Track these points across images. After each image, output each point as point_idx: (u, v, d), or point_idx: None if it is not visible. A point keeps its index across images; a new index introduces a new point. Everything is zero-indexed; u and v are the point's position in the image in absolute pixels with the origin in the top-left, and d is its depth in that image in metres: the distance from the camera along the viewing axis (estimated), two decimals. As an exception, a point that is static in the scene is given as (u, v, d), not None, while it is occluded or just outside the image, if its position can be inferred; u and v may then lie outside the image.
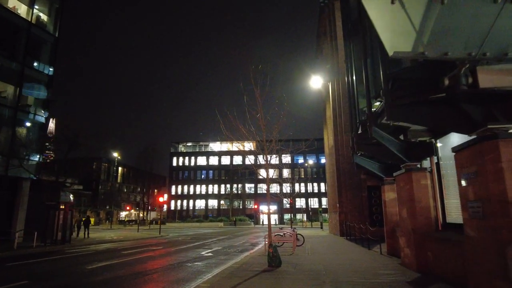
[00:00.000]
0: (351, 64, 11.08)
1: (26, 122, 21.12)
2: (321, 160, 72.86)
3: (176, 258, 12.94)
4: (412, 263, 8.14)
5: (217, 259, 12.39)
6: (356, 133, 10.47)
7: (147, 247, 17.80)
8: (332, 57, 26.27)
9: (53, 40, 23.05)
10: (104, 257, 13.37)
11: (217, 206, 71.86)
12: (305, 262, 10.53)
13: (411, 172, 8.38)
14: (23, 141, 19.32)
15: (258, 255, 12.75)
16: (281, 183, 24.66)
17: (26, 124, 21.11)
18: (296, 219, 61.47)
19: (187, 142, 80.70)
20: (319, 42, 32.67)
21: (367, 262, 10.13)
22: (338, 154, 24.76)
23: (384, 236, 12.43)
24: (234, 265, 10.27)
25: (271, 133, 10.72)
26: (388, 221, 11.90)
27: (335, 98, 25.81)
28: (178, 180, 76.38)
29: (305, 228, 44.31)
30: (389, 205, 11.99)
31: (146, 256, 13.39)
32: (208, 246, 17.67)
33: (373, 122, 8.39)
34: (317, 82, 25.74)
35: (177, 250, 15.84)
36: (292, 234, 14.94)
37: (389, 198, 12.05)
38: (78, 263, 11.57)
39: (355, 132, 10.59)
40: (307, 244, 16.74)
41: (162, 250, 16.11)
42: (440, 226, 8.07)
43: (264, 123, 10.52)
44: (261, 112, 10.58)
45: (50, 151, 48.96)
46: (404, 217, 8.69)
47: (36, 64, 21.74)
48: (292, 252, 13.25)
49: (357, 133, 10.35)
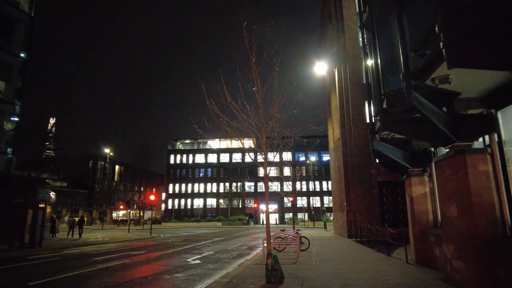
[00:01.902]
0: (371, 19, 8.68)
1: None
2: (323, 157, 70.51)
3: (154, 267, 10.59)
4: (469, 282, 5.77)
5: (203, 269, 10.03)
6: (380, 109, 8.09)
7: (129, 251, 15.46)
8: (338, 40, 23.87)
9: (28, 20, 20.70)
10: (66, 266, 11.03)
11: (216, 205, 69.45)
12: (315, 275, 8.18)
13: (464, 155, 6.00)
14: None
15: (255, 263, 10.39)
16: (282, 180, 22.27)
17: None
18: (297, 219, 59.11)
19: (185, 139, 78.32)
20: (323, 28, 30.24)
21: (396, 277, 7.76)
22: (345, 147, 22.38)
23: (404, 239, 10.08)
24: (222, 279, 7.93)
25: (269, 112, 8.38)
26: (416, 222, 9.53)
27: (341, 85, 23.43)
28: (175, 178, 73.98)
29: (308, 228, 41.97)
30: (418, 201, 9.62)
31: (119, 265, 11.04)
32: (198, 251, 15.32)
33: (411, 85, 6.03)
34: (321, 68, 23.38)
35: (160, 256, 13.50)
36: (295, 237, 12.59)
37: (417, 193, 9.68)
38: (26, 276, 9.23)
39: (379, 108, 8.21)
40: (312, 248, 14.40)
41: (143, 255, 13.77)
42: (509, 230, 5.71)
43: (261, 97, 8.16)
44: (258, 83, 8.23)
45: (50, 150, 46.55)
46: (452, 216, 6.32)
47: (6, 46, 19.35)
48: (296, 259, 10.90)
49: (382, 108, 7.98)
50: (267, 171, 7.95)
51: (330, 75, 27.07)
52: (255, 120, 8.37)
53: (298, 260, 10.80)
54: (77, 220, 27.03)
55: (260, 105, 8.09)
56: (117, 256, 13.54)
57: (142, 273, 9.41)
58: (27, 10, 20.86)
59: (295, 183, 20.46)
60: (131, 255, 13.94)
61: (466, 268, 5.86)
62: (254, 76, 8.06)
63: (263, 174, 7.89)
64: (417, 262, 9.30)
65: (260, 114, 8.22)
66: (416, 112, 7.16)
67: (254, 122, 8.36)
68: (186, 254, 13.93)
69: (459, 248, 6.11)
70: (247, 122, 8.25)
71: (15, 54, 19.87)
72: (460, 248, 6.05)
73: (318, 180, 68.52)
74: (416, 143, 10.27)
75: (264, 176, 7.79)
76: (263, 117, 8.10)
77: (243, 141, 9.25)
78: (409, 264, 9.38)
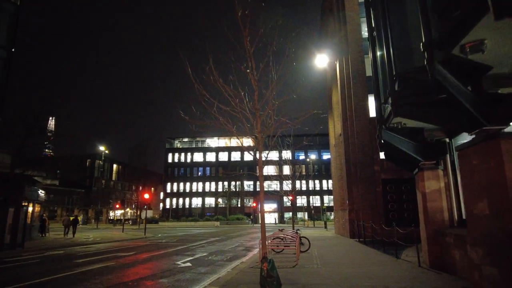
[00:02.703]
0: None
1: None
2: (323, 156, 69.56)
3: (139, 271, 9.58)
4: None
5: (193, 274, 9.03)
6: (392, 92, 7.08)
7: (116, 252, 14.45)
8: (340, 32, 22.84)
9: (14, 9, 19.63)
10: (42, 269, 10.01)
11: (215, 205, 68.38)
12: (317, 281, 7.17)
13: (497, 140, 4.98)
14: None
15: (251, 267, 9.39)
16: (281, 178, 21.27)
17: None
18: (297, 218, 58.13)
19: (183, 138, 77.22)
20: (324, 20, 29.18)
21: (411, 284, 6.75)
22: (347, 142, 21.38)
23: (413, 239, 9.08)
24: (211, 286, 6.92)
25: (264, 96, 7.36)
26: (429, 220, 8.53)
27: (343, 78, 22.41)
28: (173, 177, 72.92)
29: (308, 227, 40.97)
30: (431, 198, 8.62)
31: (101, 268, 10.03)
32: (191, 252, 14.31)
33: (434, 56, 5.02)
34: (322, 61, 22.38)
35: (149, 258, 12.49)
36: (295, 238, 11.59)
37: (430, 188, 8.68)
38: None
39: (390, 90, 7.19)
40: (313, 249, 13.40)
41: (131, 257, 12.75)
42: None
43: (256, 78, 7.15)
44: (252, 63, 7.21)
45: (49, 150, 45.03)
46: (482, 214, 5.31)
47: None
48: (296, 262, 9.90)
49: (394, 90, 6.96)
50: (262, 161, 6.93)
51: (331, 69, 26.06)
52: (249, 105, 7.37)
53: (298, 263, 9.81)
54: (71, 220, 26.19)
55: (255, 87, 7.08)
56: (102, 258, 12.53)
57: (124, 278, 8.41)
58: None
59: (294, 181, 19.43)
60: (118, 256, 12.92)
61: (501, 275, 4.85)
62: (247, 54, 7.04)
63: (258, 166, 6.87)
64: (431, 265, 8.29)
65: (255, 97, 7.20)
66: (435, 93, 6.19)
67: (248, 107, 7.35)
68: (177, 256, 12.93)
69: (491, 252, 5.09)
70: (240, 107, 7.23)
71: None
72: (493, 252, 5.04)
73: (318, 179, 67.54)
74: (429, 133, 9.27)
75: (259, 166, 6.78)
76: (258, 101, 7.08)
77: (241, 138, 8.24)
78: (422, 268, 8.37)
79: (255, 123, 7.03)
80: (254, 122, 6.99)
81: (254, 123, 7.05)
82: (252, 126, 7.07)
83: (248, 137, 7.35)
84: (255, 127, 6.94)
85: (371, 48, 10.31)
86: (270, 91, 6.95)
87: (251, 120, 7.17)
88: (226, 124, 7.38)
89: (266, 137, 7.48)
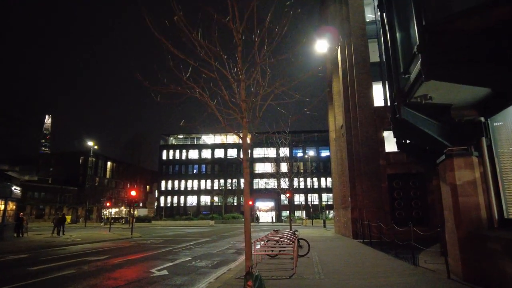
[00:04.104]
0: None
1: None
2: (321, 153, 67.89)
3: (100, 281, 7.75)
4: None
5: (165, 286, 7.21)
6: (422, 45, 5.25)
7: (89, 256, 12.58)
8: (341, 14, 21.03)
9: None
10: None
11: (210, 203, 66.49)
12: (320, 301, 5.37)
13: None
14: None
15: (237, 277, 7.59)
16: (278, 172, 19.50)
17: None
18: (295, 217, 56.43)
19: (178, 134, 75.18)
20: (323, 6, 27.32)
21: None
22: (349, 134, 19.60)
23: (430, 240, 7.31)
24: (178, 310, 5.11)
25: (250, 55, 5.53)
26: (461, 220, 6.75)
27: (345, 65, 20.62)
28: (168, 174, 70.91)
29: (306, 226, 39.26)
30: (464, 192, 6.84)
31: (54, 278, 8.20)
32: (173, 256, 12.48)
33: None
34: (322, 47, 20.53)
35: (121, 263, 10.66)
36: (292, 240, 9.80)
37: (462, 180, 6.90)
38: None
39: (420, 44, 5.35)
40: (313, 253, 11.62)
41: (100, 263, 10.90)
42: None
43: (239, 30, 5.32)
44: (235, 10, 5.37)
45: (46, 148, 43.24)
46: None
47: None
48: (293, 270, 8.12)
49: (424, 44, 5.15)
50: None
51: (332, 56, 24.22)
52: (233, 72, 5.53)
53: (296, 272, 8.03)
54: (58, 218, 24.61)
55: (238, 41, 5.25)
56: (66, 264, 10.67)
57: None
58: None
59: (291, 173, 17.63)
60: (86, 262, 11.07)
61: None
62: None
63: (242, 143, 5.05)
64: (465, 278, 6.52)
65: (238, 55, 5.37)
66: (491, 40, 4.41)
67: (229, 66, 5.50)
68: (156, 261, 11.10)
69: None
70: (219, 69, 5.40)
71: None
72: None
73: (316, 176, 65.85)
74: (457, 112, 7.50)
75: (243, 145, 4.95)
76: (241, 60, 5.25)
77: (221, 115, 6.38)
78: (454, 282, 6.60)
79: (238, 90, 5.20)
80: (238, 89, 5.16)
81: (237, 90, 5.22)
82: (236, 94, 5.23)
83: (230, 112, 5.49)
84: (238, 94, 5.11)
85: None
86: (256, 44, 5.10)
87: (235, 89, 5.33)
88: (202, 95, 5.54)
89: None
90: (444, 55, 5.05)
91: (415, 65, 6.23)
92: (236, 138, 73.28)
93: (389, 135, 19.15)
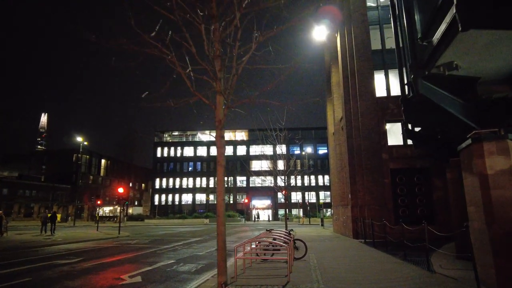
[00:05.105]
0: None
1: None
2: (319, 150, 66.69)
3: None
4: None
5: (128, 300, 5.88)
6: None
7: (60, 258, 11.18)
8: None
9: None
10: None
11: (205, 201, 65.09)
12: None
13: None
14: None
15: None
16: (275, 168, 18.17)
17: None
18: (291, 215, 55.21)
19: (172, 131, 73.64)
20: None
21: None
22: (350, 127, 18.32)
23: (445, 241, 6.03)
24: None
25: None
26: (495, 217, 5.47)
27: (345, 54, 19.30)
28: (162, 172, 69.36)
29: (303, 225, 38.00)
30: (497, 183, 5.56)
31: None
32: (154, 259, 11.14)
33: None
34: (321, 34, 19.21)
35: (92, 268, 9.29)
36: (287, 241, 8.48)
37: (495, 169, 5.62)
38: None
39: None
40: (311, 255, 10.34)
41: (67, 267, 9.53)
42: None
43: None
44: None
45: (42, 146, 41.58)
46: None
47: None
48: (287, 278, 6.81)
49: None
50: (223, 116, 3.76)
51: (331, 42, 22.90)
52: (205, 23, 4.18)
53: (290, 280, 6.72)
54: (49, 216, 23.29)
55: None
56: (28, 268, 9.29)
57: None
58: None
59: (287, 170, 16.32)
60: (53, 265, 9.71)
61: None
62: None
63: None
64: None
65: (213, 6, 4.02)
66: None
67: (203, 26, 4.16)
68: (133, 265, 9.78)
69: None
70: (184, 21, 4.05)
71: None
72: None
73: (313, 174, 64.57)
74: (485, 88, 6.28)
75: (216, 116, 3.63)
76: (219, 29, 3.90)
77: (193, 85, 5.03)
78: (486, 294, 5.32)
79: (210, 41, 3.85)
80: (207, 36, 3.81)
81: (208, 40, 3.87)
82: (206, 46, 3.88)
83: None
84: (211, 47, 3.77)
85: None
86: None
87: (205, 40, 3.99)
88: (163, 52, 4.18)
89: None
90: None
91: (439, 22, 4.92)
92: (232, 135, 71.84)
93: (392, 127, 17.90)
